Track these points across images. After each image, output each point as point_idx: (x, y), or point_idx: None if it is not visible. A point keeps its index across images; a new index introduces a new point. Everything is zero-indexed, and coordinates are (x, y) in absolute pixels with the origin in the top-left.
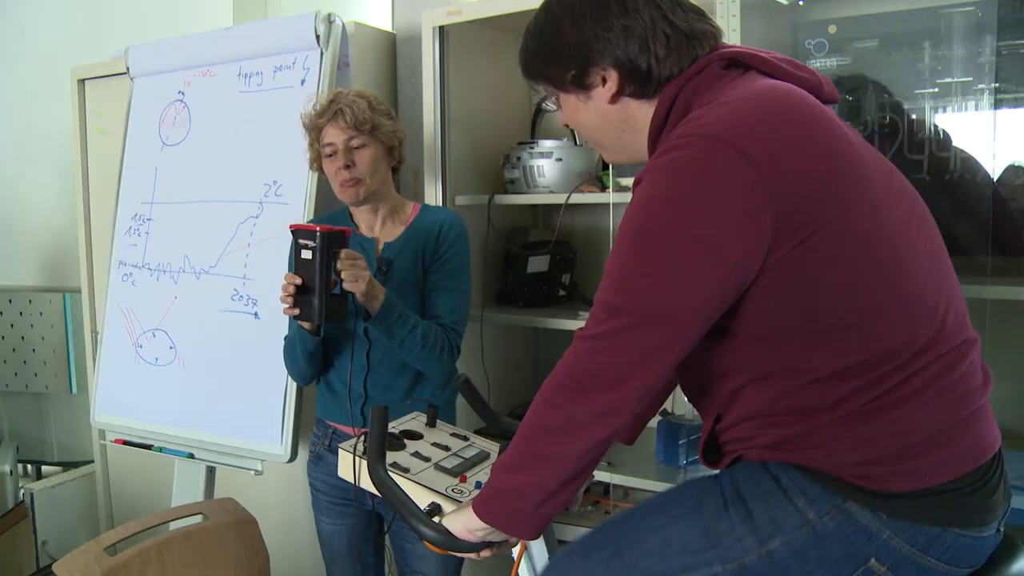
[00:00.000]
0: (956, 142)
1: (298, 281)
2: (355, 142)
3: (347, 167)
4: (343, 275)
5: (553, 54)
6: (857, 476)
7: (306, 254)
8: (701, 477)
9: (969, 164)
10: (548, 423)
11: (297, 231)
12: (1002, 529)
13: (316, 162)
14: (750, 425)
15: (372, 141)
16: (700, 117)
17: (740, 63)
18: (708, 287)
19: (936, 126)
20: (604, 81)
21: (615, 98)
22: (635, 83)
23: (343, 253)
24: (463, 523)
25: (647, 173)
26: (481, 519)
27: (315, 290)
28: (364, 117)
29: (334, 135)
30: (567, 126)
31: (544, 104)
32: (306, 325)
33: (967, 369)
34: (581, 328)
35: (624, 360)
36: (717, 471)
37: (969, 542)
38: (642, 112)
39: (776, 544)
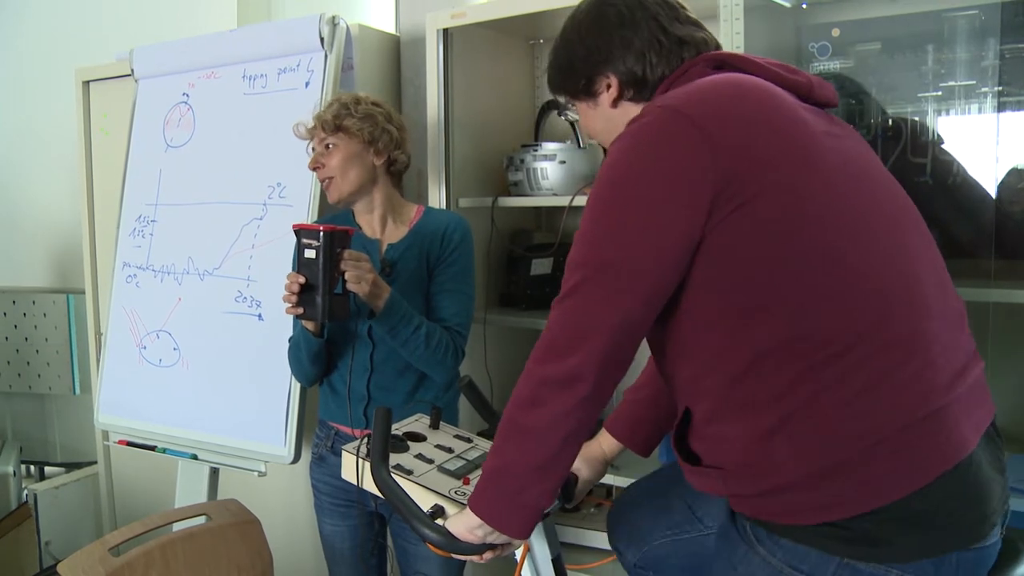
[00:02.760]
0: (956, 146)
1: (302, 280)
2: (327, 142)
3: (315, 168)
4: (347, 275)
5: (568, 68)
6: (821, 507)
7: (309, 253)
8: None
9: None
10: (521, 398)
11: (301, 231)
12: (1003, 534)
13: None
14: (715, 429)
15: (342, 140)
16: (665, 97)
17: (728, 65)
18: (654, 242)
19: (937, 132)
20: (608, 87)
21: (616, 102)
22: (632, 88)
23: (347, 253)
24: (463, 523)
25: (615, 141)
26: (475, 513)
27: (318, 289)
28: (329, 119)
29: (316, 140)
30: (589, 137)
31: (566, 114)
32: (309, 325)
33: (922, 367)
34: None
35: (581, 321)
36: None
37: (973, 555)
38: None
39: None
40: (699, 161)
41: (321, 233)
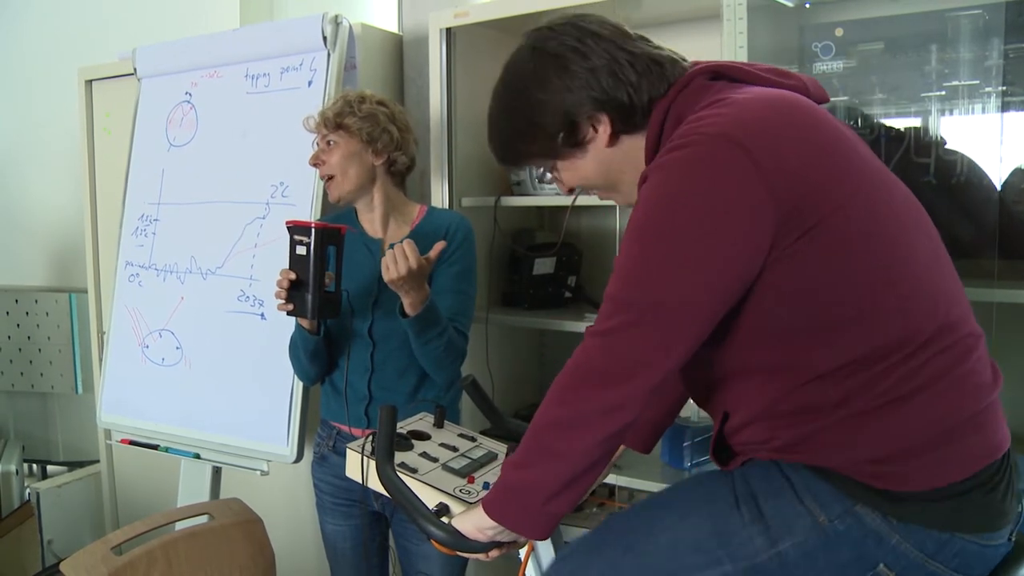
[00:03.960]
0: (961, 145)
1: (292, 276)
2: (328, 140)
3: (315, 164)
4: (385, 260)
5: (534, 127)
6: (868, 474)
7: (301, 250)
8: (712, 472)
9: (973, 168)
10: (557, 419)
11: (293, 227)
12: (1013, 538)
13: None
14: (758, 428)
15: (341, 138)
16: (704, 118)
17: (724, 75)
18: (713, 282)
19: (939, 133)
20: (596, 128)
21: (612, 140)
22: (624, 118)
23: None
24: (473, 522)
25: (653, 171)
26: (491, 517)
27: (308, 286)
28: (330, 116)
29: (318, 137)
30: (572, 191)
31: (541, 177)
32: (305, 323)
33: (975, 364)
34: (591, 324)
35: (631, 356)
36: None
37: (978, 549)
38: (638, 145)
39: (787, 545)
40: (757, 193)
41: (312, 230)
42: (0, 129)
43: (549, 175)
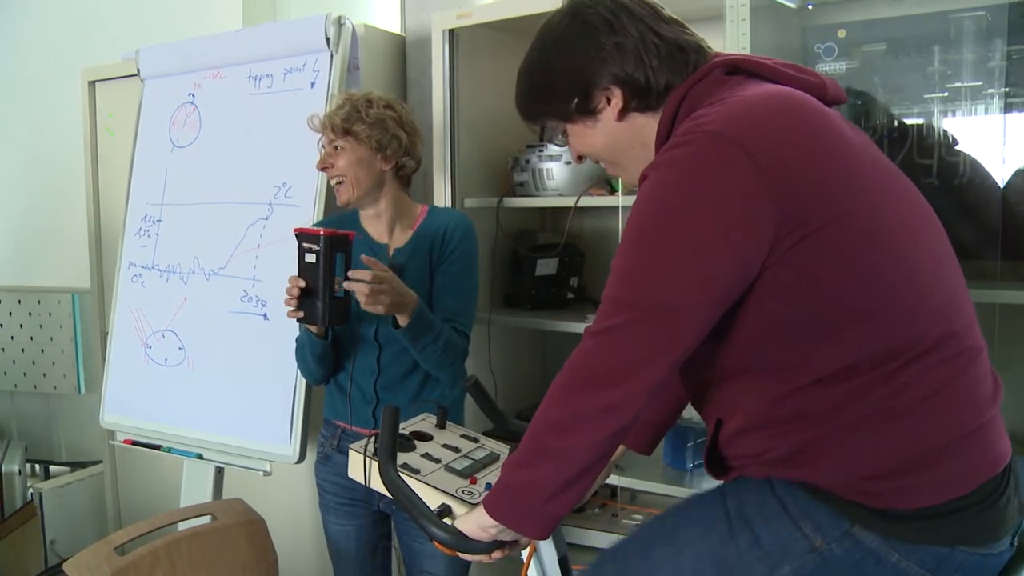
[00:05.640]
0: (965, 146)
1: (302, 284)
2: (335, 145)
3: (324, 169)
4: (359, 298)
5: (551, 88)
6: (863, 492)
7: (310, 257)
8: (705, 495)
9: (977, 168)
10: (556, 419)
11: (301, 235)
12: (1015, 543)
13: None
14: (754, 438)
15: (350, 144)
16: (703, 116)
17: (741, 69)
18: (712, 282)
19: (945, 130)
20: (609, 101)
21: (622, 115)
22: (638, 96)
23: (353, 273)
24: (476, 522)
25: (652, 169)
26: (492, 516)
27: (318, 293)
28: (338, 122)
29: (325, 140)
30: (580, 158)
31: (553, 140)
32: (313, 328)
33: (976, 376)
34: (590, 324)
35: (629, 355)
36: (721, 482)
37: (979, 560)
38: (649, 125)
39: (785, 571)
40: (754, 193)
41: (321, 237)
42: (3, 129)
43: (561, 137)
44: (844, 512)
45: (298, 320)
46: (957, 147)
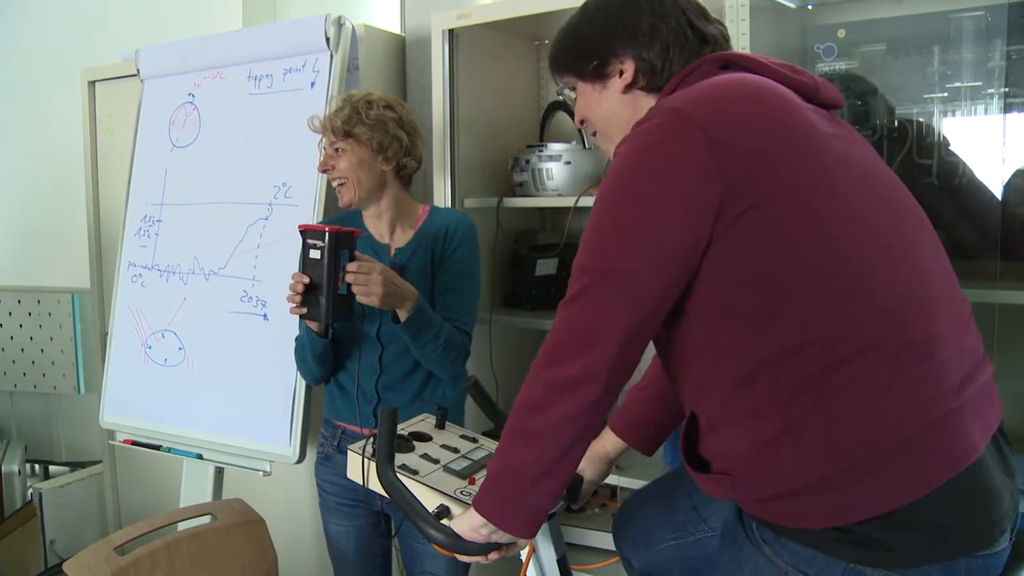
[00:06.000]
0: (963, 147)
1: (306, 280)
2: (336, 146)
3: (325, 171)
4: (354, 288)
5: (581, 47)
6: (834, 510)
7: (314, 254)
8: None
9: (968, 171)
10: (526, 400)
11: (306, 231)
12: (1013, 539)
13: None
14: (720, 439)
15: (351, 146)
16: (672, 97)
17: (735, 65)
18: (663, 249)
19: (942, 133)
20: (620, 73)
21: (627, 89)
22: (647, 77)
23: (351, 266)
24: (468, 523)
25: (622, 143)
26: (479, 514)
27: (323, 290)
28: (338, 125)
29: (326, 141)
30: (582, 123)
31: (564, 95)
32: (313, 326)
33: (931, 371)
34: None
35: (589, 322)
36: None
37: (982, 561)
38: (647, 106)
39: None
40: (704, 165)
41: (326, 234)
42: (3, 129)
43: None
44: (832, 551)
45: (301, 316)
46: (949, 147)
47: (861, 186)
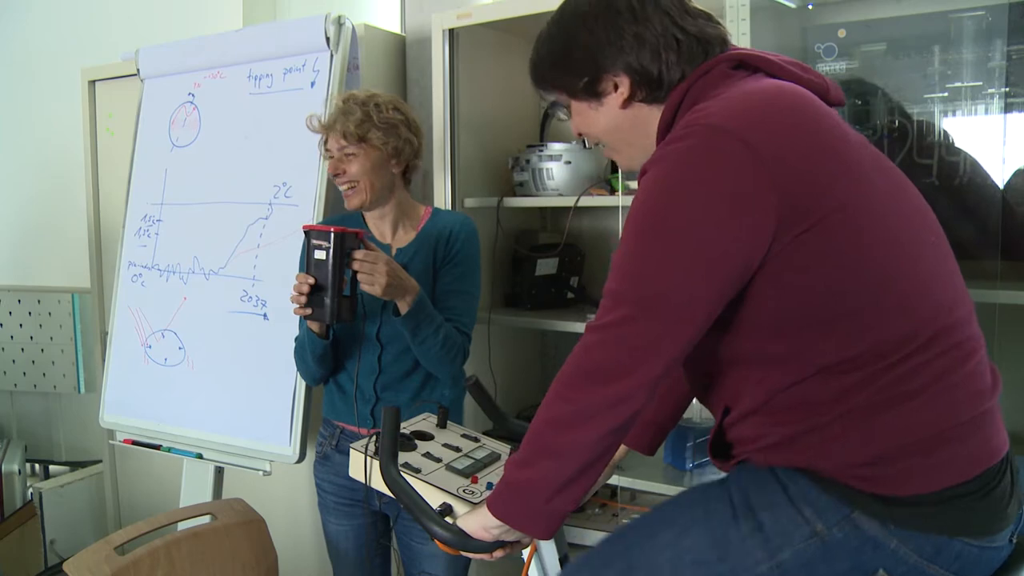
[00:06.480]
0: (963, 147)
1: (311, 281)
2: (347, 151)
3: (336, 175)
4: (359, 276)
5: (565, 62)
6: (864, 478)
7: (319, 255)
8: (709, 484)
9: (976, 168)
10: (558, 416)
11: (311, 232)
12: (1014, 540)
13: None
14: (757, 422)
15: (363, 150)
16: (704, 109)
17: (747, 65)
18: (712, 275)
19: (945, 131)
20: (616, 88)
21: (626, 103)
22: (646, 89)
23: (358, 254)
24: (478, 522)
25: (652, 164)
26: (495, 516)
27: (327, 290)
28: (351, 129)
29: (331, 143)
30: (580, 135)
31: (555, 112)
32: (315, 327)
33: (975, 367)
34: (591, 320)
35: (629, 350)
36: (724, 474)
37: (977, 552)
38: (652, 116)
39: (786, 555)
40: (758, 187)
41: (332, 235)
42: (3, 129)
43: (562, 113)
44: (844, 497)
45: (305, 317)
46: (953, 144)
47: (892, 193)
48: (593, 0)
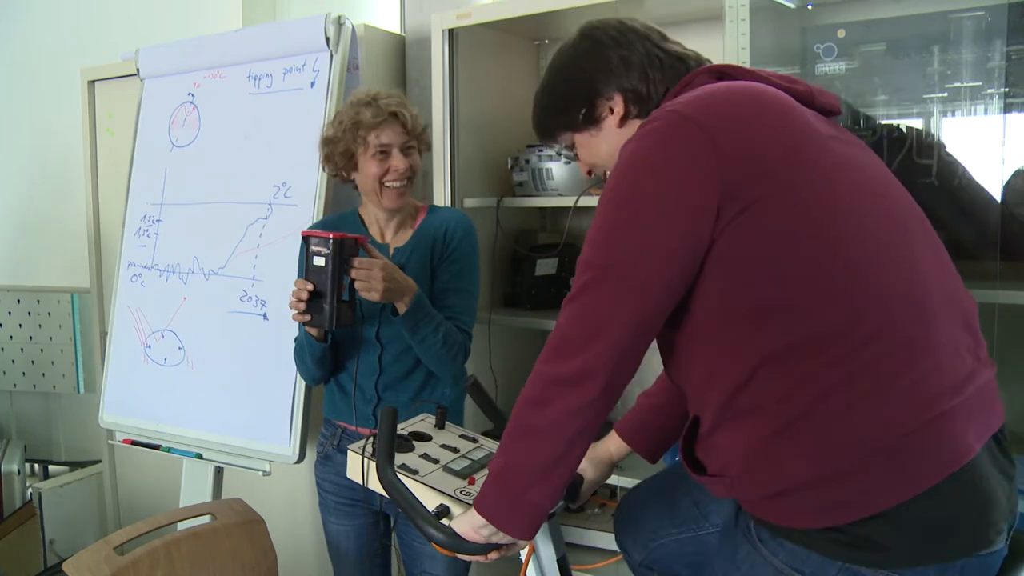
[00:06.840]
0: (963, 147)
1: (310, 287)
2: (409, 144)
3: (392, 170)
4: (356, 284)
5: (565, 100)
6: (823, 512)
7: (319, 260)
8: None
9: (974, 170)
10: (529, 394)
11: (309, 237)
12: (1010, 540)
13: (345, 160)
14: (720, 438)
15: (418, 148)
16: (677, 100)
17: (729, 75)
18: (667, 246)
19: (941, 132)
20: (611, 110)
21: (623, 122)
22: (637, 104)
23: (356, 261)
24: (468, 523)
25: (628, 142)
26: (480, 514)
27: (326, 296)
28: (417, 123)
29: (392, 136)
30: (589, 172)
31: (572, 158)
32: (313, 332)
33: (927, 370)
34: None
35: (592, 318)
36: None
37: (978, 562)
38: None
39: None
40: (705, 164)
41: (331, 241)
42: (3, 129)
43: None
44: (828, 550)
45: (304, 323)
46: (946, 149)
47: (859, 188)
48: (577, 42)
